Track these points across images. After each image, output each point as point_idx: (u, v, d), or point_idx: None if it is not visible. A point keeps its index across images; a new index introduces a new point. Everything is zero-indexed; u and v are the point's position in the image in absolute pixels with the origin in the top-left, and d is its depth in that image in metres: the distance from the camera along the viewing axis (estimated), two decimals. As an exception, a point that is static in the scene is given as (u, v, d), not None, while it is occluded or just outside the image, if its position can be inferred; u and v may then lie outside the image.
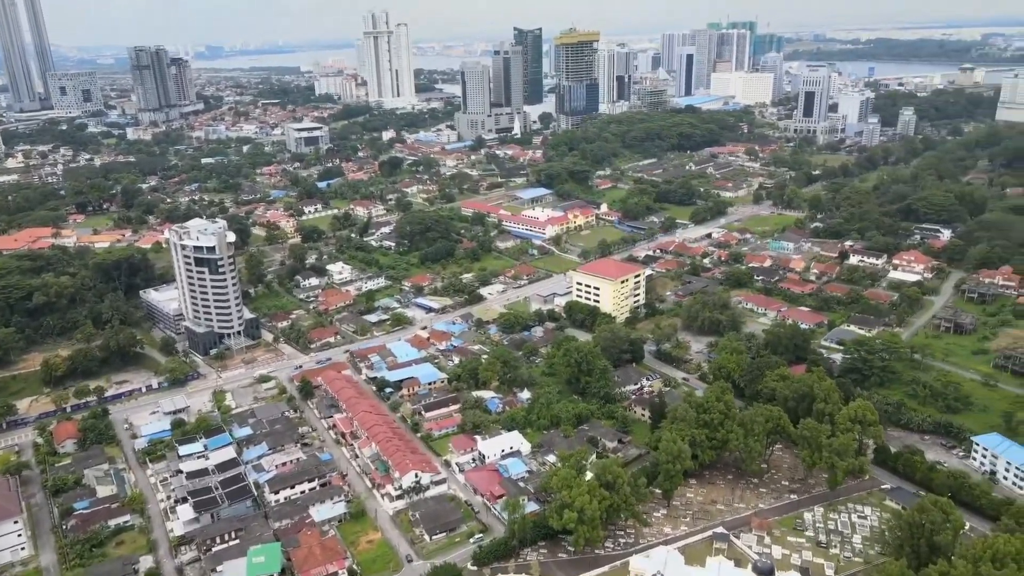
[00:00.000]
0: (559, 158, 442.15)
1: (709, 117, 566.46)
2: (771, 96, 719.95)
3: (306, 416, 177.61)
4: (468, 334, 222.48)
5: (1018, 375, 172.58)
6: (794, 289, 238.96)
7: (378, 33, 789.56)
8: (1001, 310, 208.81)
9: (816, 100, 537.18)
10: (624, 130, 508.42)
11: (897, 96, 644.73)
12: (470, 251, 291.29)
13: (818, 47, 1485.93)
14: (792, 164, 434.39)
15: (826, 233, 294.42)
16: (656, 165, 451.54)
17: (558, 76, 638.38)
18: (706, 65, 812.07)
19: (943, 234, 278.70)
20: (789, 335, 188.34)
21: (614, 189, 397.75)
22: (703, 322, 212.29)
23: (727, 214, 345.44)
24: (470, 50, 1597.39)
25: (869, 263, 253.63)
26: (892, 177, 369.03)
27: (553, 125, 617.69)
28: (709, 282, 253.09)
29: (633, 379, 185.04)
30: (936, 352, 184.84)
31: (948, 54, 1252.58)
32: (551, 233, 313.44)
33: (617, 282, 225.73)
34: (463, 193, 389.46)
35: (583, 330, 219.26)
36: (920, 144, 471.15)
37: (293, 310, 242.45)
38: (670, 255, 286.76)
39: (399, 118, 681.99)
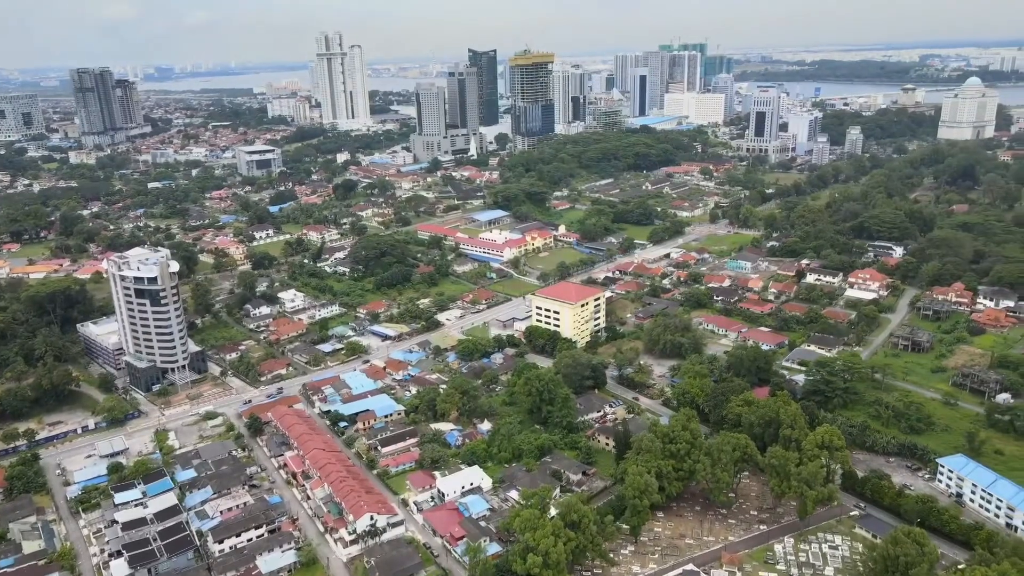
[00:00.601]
0: (516, 179, 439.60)
1: (664, 137, 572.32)
2: (723, 116, 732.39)
3: (255, 455, 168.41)
4: (426, 362, 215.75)
5: (976, 393, 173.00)
6: (753, 309, 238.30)
7: (331, 55, 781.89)
8: (955, 327, 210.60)
9: (767, 120, 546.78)
10: (580, 150, 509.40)
11: (844, 115, 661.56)
12: (427, 276, 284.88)
13: (766, 68, 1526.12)
14: (746, 183, 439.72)
15: (782, 252, 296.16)
16: (613, 185, 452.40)
17: (513, 97, 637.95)
18: (659, 86, 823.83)
19: (895, 251, 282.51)
20: (751, 357, 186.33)
21: (572, 210, 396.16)
22: (665, 345, 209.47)
23: (684, 234, 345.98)
24: (425, 71, 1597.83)
25: (826, 281, 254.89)
26: (843, 195, 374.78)
27: (510, 146, 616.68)
28: (669, 303, 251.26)
29: (596, 406, 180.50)
30: (896, 371, 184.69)
31: (889, 75, 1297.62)
32: (509, 256, 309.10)
33: (577, 306, 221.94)
34: (419, 216, 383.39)
35: (544, 355, 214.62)
36: (868, 162, 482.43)
37: (242, 341, 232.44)
38: (629, 276, 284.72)
39: (354, 140, 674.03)
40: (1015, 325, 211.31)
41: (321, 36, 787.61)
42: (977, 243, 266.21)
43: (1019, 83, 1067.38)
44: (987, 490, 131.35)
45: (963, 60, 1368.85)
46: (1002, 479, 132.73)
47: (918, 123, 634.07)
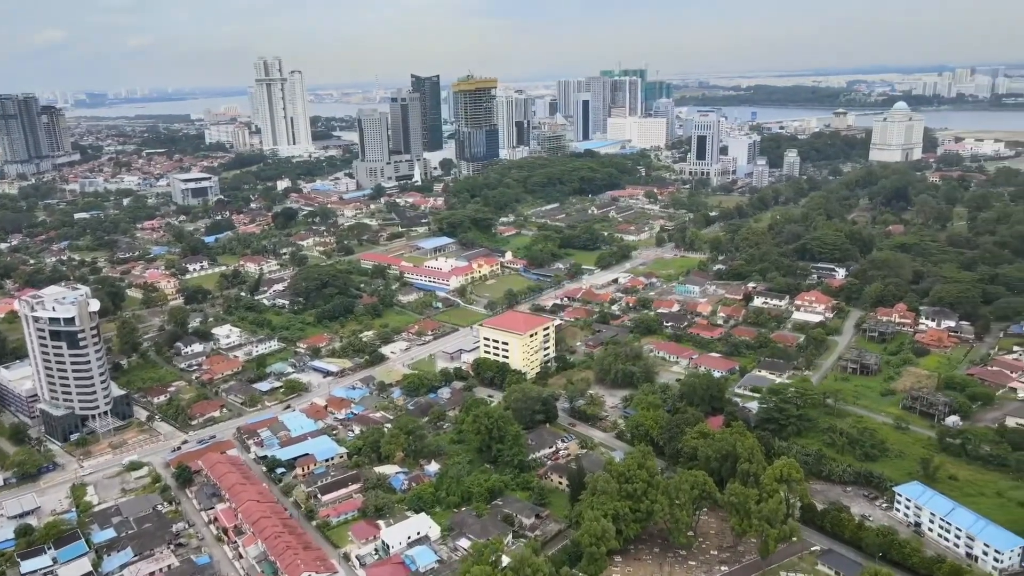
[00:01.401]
0: (461, 205, 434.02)
1: (608, 161, 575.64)
2: (665, 140, 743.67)
3: (183, 509, 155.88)
4: (370, 399, 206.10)
5: (926, 416, 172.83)
6: (703, 334, 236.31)
7: (271, 80, 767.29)
8: (901, 348, 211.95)
9: (708, 143, 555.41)
10: (526, 175, 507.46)
11: (780, 139, 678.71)
12: (371, 307, 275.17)
13: (704, 93, 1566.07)
14: (690, 206, 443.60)
15: (729, 275, 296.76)
16: (559, 210, 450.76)
17: (457, 122, 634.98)
18: (602, 110, 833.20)
19: (838, 273, 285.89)
20: (704, 385, 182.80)
21: (518, 236, 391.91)
22: (616, 375, 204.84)
23: (632, 258, 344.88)
24: (368, 97, 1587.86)
25: (773, 305, 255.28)
26: (785, 217, 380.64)
27: (454, 171, 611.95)
28: (619, 330, 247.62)
29: (548, 442, 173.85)
30: (847, 396, 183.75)
31: (820, 99, 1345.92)
32: (456, 284, 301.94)
33: (526, 336, 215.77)
34: (362, 245, 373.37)
35: (493, 388, 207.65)
36: (806, 184, 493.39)
37: (172, 382, 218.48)
38: (578, 303, 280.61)
39: (295, 167, 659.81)
40: (957, 345, 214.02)
41: (260, 61, 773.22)
42: (916, 263, 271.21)
43: (941, 107, 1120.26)
44: (945, 519, 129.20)
45: (888, 85, 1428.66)
46: (960, 507, 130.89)
47: (851, 146, 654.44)
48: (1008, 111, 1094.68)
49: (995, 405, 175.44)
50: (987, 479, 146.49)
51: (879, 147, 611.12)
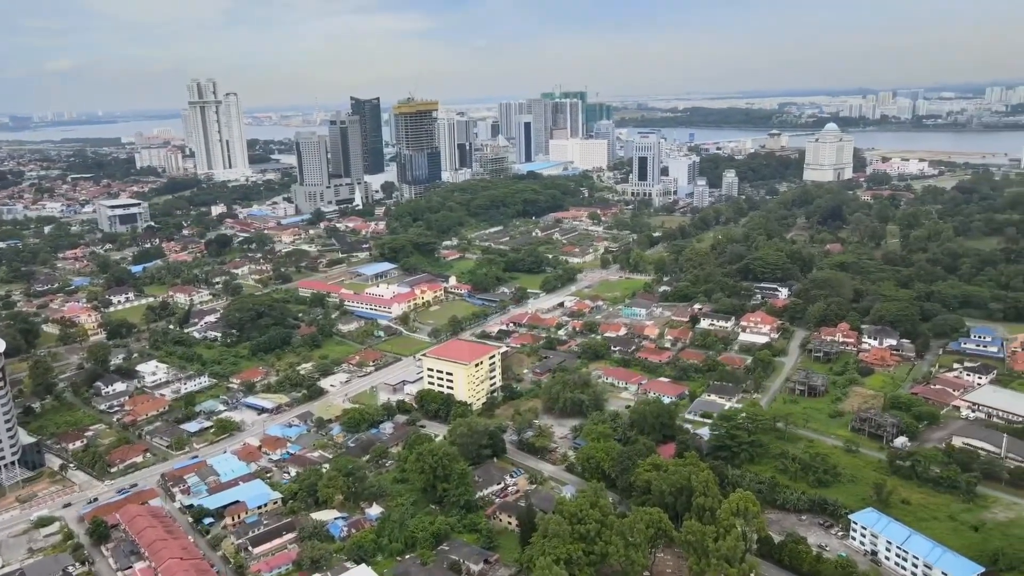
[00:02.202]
0: (403, 229, 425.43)
1: (551, 182, 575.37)
2: (607, 161, 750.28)
3: (97, 570, 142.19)
4: (307, 437, 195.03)
5: (875, 438, 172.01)
6: (651, 359, 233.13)
7: (205, 103, 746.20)
8: (846, 368, 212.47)
9: (649, 164, 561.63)
10: (469, 198, 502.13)
11: (719, 159, 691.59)
12: (309, 337, 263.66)
13: (642, 115, 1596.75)
14: (633, 227, 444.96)
15: (675, 296, 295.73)
16: (503, 233, 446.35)
17: (399, 145, 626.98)
18: (543, 132, 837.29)
19: (781, 292, 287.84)
20: (654, 413, 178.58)
21: (462, 260, 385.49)
22: (565, 403, 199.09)
23: (577, 280, 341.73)
24: (309, 120, 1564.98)
25: (719, 326, 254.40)
26: (726, 237, 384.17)
27: (396, 195, 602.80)
28: (566, 356, 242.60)
29: (496, 478, 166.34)
30: (797, 419, 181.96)
31: (753, 121, 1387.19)
32: (398, 311, 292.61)
33: (471, 366, 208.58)
34: (300, 272, 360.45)
35: (438, 421, 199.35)
36: (745, 204, 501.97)
37: (90, 426, 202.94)
38: (524, 328, 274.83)
39: (231, 191, 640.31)
40: (900, 363, 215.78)
41: (193, 84, 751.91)
42: (855, 282, 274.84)
43: (867, 128, 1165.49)
44: (902, 547, 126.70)
45: (816, 108, 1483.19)
46: (916, 534, 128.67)
47: (785, 166, 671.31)
48: (928, 131, 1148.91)
49: (940, 424, 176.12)
50: (939, 502, 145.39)
51: (812, 167, 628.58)
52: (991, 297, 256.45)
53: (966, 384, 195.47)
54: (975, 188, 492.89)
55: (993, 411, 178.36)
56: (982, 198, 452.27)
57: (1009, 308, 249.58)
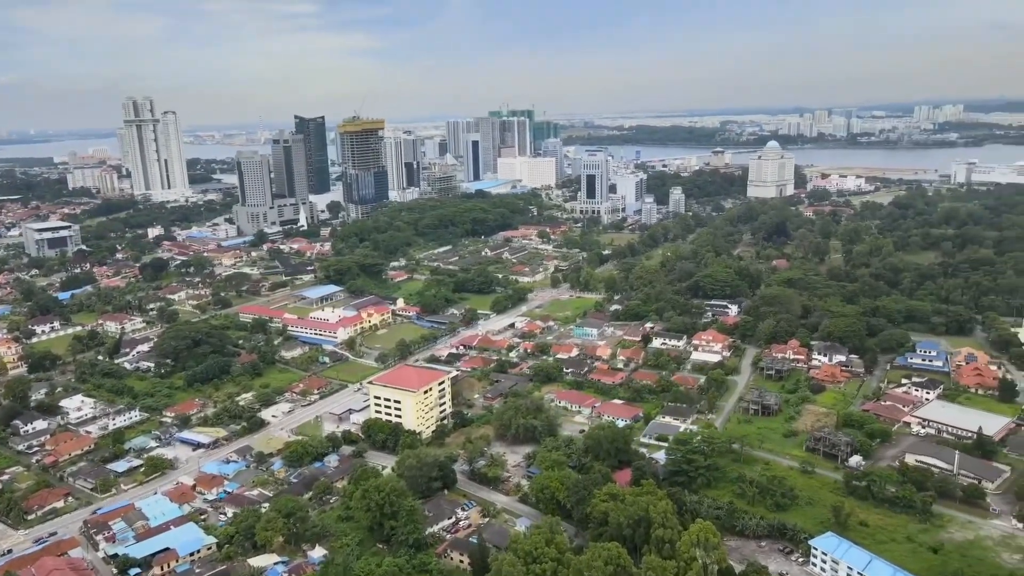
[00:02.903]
0: (349, 250, 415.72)
1: (500, 201, 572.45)
2: (555, 179, 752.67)
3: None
4: (246, 474, 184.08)
5: (830, 457, 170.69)
6: (605, 380, 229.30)
7: (141, 121, 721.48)
8: (798, 386, 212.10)
9: (597, 182, 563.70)
10: (416, 218, 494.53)
11: (665, 176, 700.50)
12: (249, 365, 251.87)
13: (589, 133, 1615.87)
14: (583, 245, 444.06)
15: (626, 315, 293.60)
16: (452, 252, 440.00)
17: (345, 164, 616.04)
18: (492, 151, 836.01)
19: (731, 310, 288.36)
20: (609, 438, 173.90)
21: (410, 281, 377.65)
22: (517, 429, 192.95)
23: (527, 300, 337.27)
24: (253, 139, 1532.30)
25: (671, 345, 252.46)
26: (675, 254, 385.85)
27: (342, 215, 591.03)
28: (518, 379, 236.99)
29: (447, 512, 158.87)
30: (752, 440, 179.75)
31: (697, 139, 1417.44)
32: (344, 336, 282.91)
33: (420, 393, 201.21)
34: (242, 296, 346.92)
35: (386, 452, 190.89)
36: (692, 221, 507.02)
37: (6, 468, 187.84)
38: (475, 351, 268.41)
39: (169, 212, 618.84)
40: (850, 379, 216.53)
41: (128, 102, 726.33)
42: (803, 298, 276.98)
43: (805, 146, 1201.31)
44: (863, 573, 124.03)
45: (756, 126, 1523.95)
46: (876, 559, 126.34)
47: (730, 183, 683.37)
48: (862, 148, 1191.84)
49: (893, 441, 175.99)
50: (896, 523, 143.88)
51: (756, 184, 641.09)
52: (933, 311, 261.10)
53: (915, 400, 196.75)
54: (910, 203, 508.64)
55: (943, 427, 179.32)
56: (917, 213, 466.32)
57: (951, 322, 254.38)
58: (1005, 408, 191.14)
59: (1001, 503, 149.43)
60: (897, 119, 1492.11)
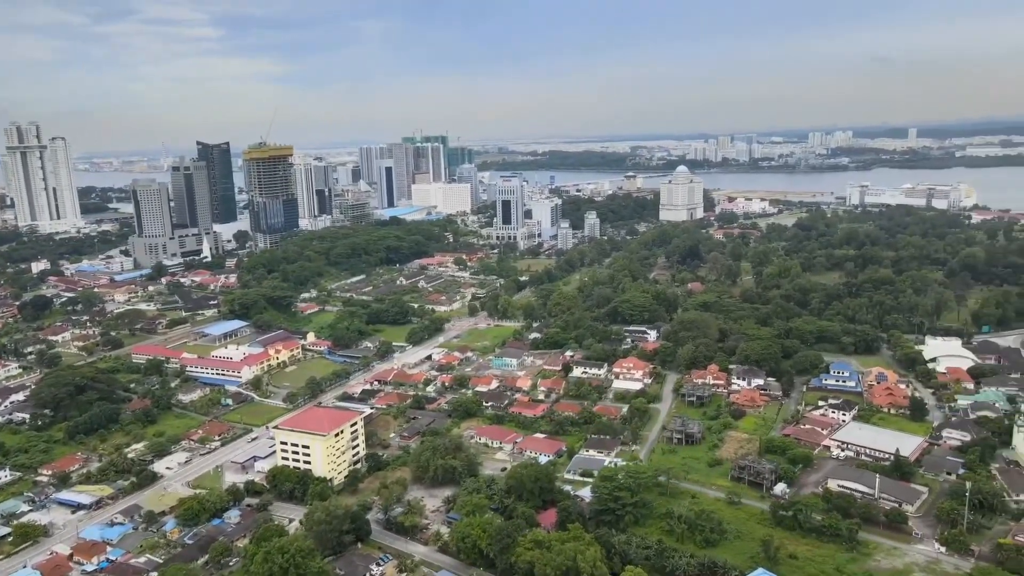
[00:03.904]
0: (257, 282, 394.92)
1: (415, 228, 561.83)
2: (470, 205, 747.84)
3: None
4: (133, 538, 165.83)
5: (755, 486, 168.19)
6: (526, 413, 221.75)
7: (27, 148, 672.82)
8: (719, 411, 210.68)
9: (513, 208, 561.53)
10: (328, 247, 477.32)
11: (580, 201, 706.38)
12: (142, 412, 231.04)
13: (503, 158, 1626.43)
14: (500, 271, 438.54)
15: (545, 343, 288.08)
16: (365, 282, 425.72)
17: (252, 192, 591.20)
18: (406, 177, 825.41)
19: (650, 335, 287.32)
20: (532, 477, 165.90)
21: (321, 313, 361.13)
22: (436, 471, 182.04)
23: (444, 330, 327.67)
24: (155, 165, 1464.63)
25: (592, 374, 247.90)
26: (592, 279, 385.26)
27: (250, 245, 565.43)
28: (436, 415, 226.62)
29: (360, 569, 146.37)
30: (678, 471, 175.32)
31: (609, 163, 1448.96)
32: (249, 375, 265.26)
33: (331, 437, 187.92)
34: (136, 335, 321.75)
35: (294, 502, 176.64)
36: (608, 245, 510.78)
37: None
38: (390, 386, 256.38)
39: (58, 245, 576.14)
40: (769, 403, 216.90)
41: (12, 127, 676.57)
42: (719, 321, 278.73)
43: (711, 170, 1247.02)
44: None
45: (665, 151, 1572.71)
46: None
47: (643, 206, 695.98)
48: (764, 173, 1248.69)
49: (815, 466, 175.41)
50: (824, 553, 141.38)
51: (667, 207, 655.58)
52: (842, 331, 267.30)
53: (832, 422, 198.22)
54: (812, 225, 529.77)
55: (861, 449, 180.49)
56: (820, 235, 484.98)
57: (859, 341, 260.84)
58: (917, 427, 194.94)
59: (922, 526, 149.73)
60: (794, 144, 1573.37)
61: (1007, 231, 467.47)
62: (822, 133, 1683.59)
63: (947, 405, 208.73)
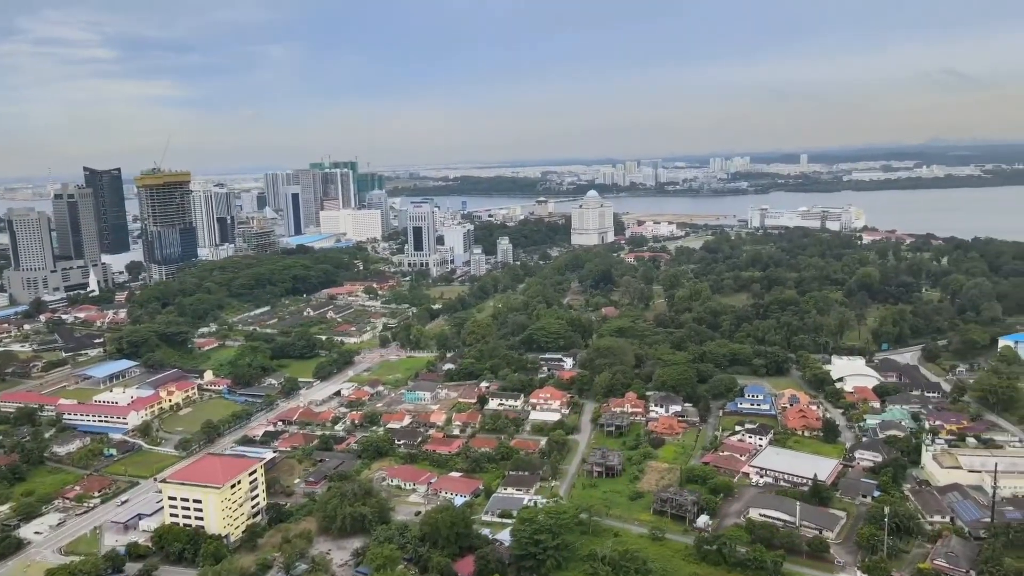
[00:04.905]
0: (150, 317, 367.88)
1: (323, 256, 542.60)
2: (381, 231, 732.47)
3: None
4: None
5: (678, 519, 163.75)
6: (440, 450, 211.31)
7: None
8: (638, 440, 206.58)
9: (424, 234, 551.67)
10: (230, 277, 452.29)
11: (492, 226, 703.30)
12: (8, 469, 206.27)
13: (414, 184, 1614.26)
14: (412, 299, 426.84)
15: (460, 375, 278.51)
16: (270, 314, 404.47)
17: (144, 221, 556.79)
18: (314, 203, 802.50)
19: (566, 363, 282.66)
20: (448, 522, 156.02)
21: (221, 349, 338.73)
22: (344, 520, 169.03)
23: (354, 363, 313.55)
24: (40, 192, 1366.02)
25: (509, 406, 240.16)
26: (507, 306, 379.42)
27: (143, 277, 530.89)
28: (345, 457, 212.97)
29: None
30: (599, 506, 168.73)
31: (520, 188, 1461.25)
32: (137, 421, 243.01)
33: (226, 488, 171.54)
34: (6, 381, 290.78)
35: (184, 565, 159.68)
36: (521, 270, 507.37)
37: None
38: (295, 426, 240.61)
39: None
40: (687, 429, 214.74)
41: None
42: (634, 347, 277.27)
43: (620, 194, 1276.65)
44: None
45: (574, 176, 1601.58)
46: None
47: (554, 231, 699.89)
48: (670, 196, 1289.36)
49: (736, 495, 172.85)
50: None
51: (579, 232, 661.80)
52: (754, 353, 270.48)
53: (750, 447, 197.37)
54: (719, 248, 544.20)
55: (779, 474, 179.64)
56: (726, 257, 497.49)
57: (770, 363, 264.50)
58: (830, 449, 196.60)
59: (843, 553, 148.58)
60: (697, 169, 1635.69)
61: (895, 251, 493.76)
62: (722, 158, 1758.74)
63: (857, 425, 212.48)
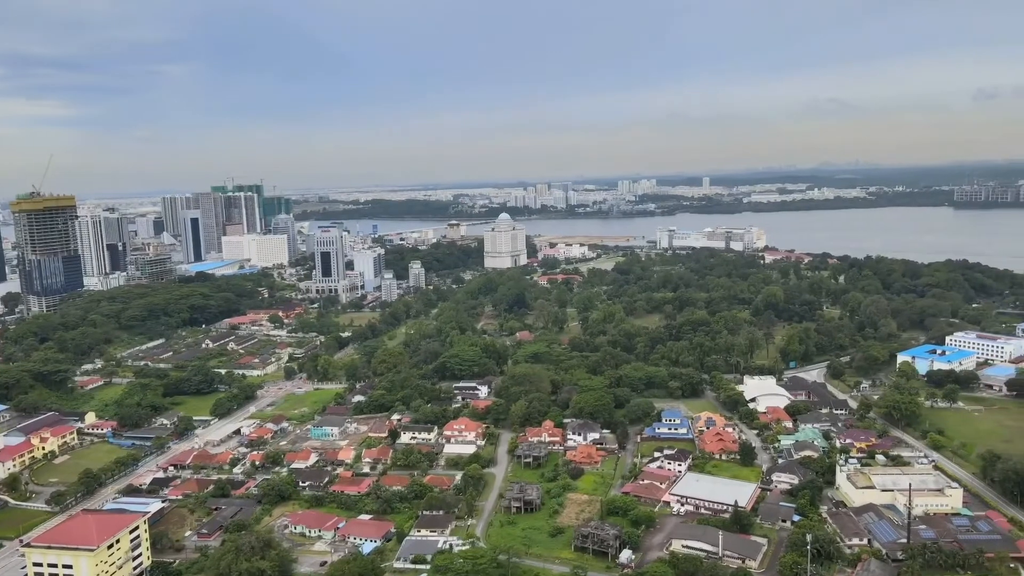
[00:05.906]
0: (24, 355, 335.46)
1: (225, 284, 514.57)
2: (288, 257, 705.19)
3: None
4: None
5: (600, 555, 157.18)
6: (349, 491, 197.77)
7: None
8: (557, 471, 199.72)
9: (333, 259, 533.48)
10: (119, 308, 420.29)
11: (404, 250, 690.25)
12: None
13: (324, 207, 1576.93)
14: (320, 328, 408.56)
15: (370, 407, 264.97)
16: (164, 347, 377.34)
17: (22, 249, 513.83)
18: (215, 228, 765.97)
19: (481, 391, 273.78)
20: (356, 573, 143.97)
21: (108, 387, 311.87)
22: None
23: (257, 398, 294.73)
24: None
25: (422, 439, 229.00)
26: (419, 332, 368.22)
27: (20, 310, 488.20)
28: (243, 503, 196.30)
29: None
30: (518, 546, 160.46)
31: (432, 211, 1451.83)
32: (3, 474, 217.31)
33: (101, 549, 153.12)
34: None
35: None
36: (434, 295, 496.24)
37: None
38: (189, 471, 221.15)
39: None
40: (606, 457, 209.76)
41: None
42: (550, 372, 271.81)
43: (531, 217, 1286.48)
44: None
45: (486, 199, 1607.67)
46: None
47: (467, 254, 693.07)
48: (581, 219, 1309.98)
49: (657, 526, 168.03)
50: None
51: (492, 255, 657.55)
52: (669, 375, 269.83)
53: (670, 474, 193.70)
54: (630, 269, 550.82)
55: (700, 502, 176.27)
56: (638, 278, 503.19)
57: (685, 385, 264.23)
58: (748, 472, 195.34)
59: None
60: (605, 191, 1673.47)
61: (795, 270, 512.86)
62: (630, 181, 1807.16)
63: (772, 446, 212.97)
